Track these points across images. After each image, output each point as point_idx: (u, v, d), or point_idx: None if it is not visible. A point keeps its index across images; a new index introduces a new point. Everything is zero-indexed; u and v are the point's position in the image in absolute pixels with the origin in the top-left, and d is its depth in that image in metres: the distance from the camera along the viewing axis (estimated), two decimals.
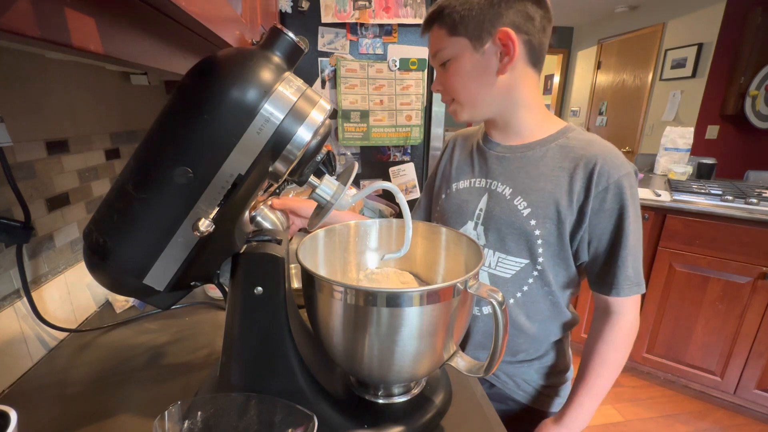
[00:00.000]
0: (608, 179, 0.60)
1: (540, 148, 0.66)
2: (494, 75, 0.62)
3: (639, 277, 0.63)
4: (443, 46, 0.63)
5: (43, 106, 0.67)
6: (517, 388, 0.74)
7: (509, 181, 0.67)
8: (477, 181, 0.71)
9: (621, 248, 0.61)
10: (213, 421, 0.43)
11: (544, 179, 0.64)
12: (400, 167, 1.56)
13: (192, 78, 0.38)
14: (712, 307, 1.72)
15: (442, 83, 0.67)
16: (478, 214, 0.69)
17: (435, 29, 0.64)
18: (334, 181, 0.47)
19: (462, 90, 0.65)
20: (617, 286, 0.63)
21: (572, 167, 0.62)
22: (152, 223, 0.40)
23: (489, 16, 0.59)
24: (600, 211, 0.61)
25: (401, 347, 0.43)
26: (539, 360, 0.73)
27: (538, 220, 0.63)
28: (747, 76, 2.91)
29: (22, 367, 0.61)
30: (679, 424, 1.73)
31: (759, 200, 1.63)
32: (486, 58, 0.61)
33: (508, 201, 0.66)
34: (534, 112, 0.67)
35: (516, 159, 0.67)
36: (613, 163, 0.60)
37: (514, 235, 0.65)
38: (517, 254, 0.66)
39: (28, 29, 0.25)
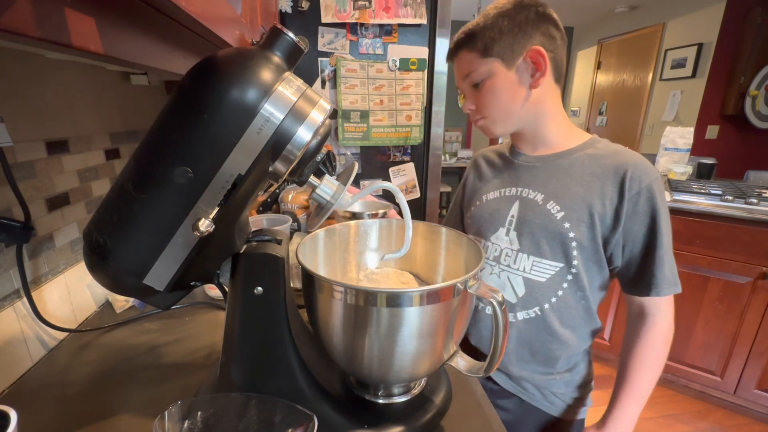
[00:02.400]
0: (640, 184, 0.63)
1: (568, 157, 0.69)
2: (527, 90, 0.67)
3: (676, 276, 0.65)
4: (475, 68, 0.67)
5: (43, 106, 0.67)
6: (543, 399, 0.75)
7: (540, 187, 0.70)
8: (507, 190, 0.74)
9: (657, 249, 0.64)
10: (213, 421, 0.43)
11: (576, 184, 0.66)
12: (400, 167, 1.56)
13: (192, 78, 0.38)
14: (712, 307, 1.72)
15: (475, 103, 0.70)
16: (510, 221, 0.72)
17: (464, 54, 0.68)
18: (334, 181, 0.47)
19: (496, 106, 0.68)
20: (657, 286, 0.65)
21: (603, 173, 0.65)
22: (152, 223, 0.40)
23: (518, 37, 0.64)
24: (634, 215, 0.64)
25: (401, 347, 0.43)
26: (570, 372, 0.74)
27: (572, 223, 0.65)
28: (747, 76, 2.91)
29: (22, 367, 0.61)
30: (679, 424, 1.73)
31: (759, 200, 1.63)
32: (518, 74, 0.66)
33: (540, 206, 0.68)
34: (560, 124, 0.71)
35: (546, 167, 0.71)
36: (642, 168, 0.63)
37: (549, 238, 0.67)
38: (551, 258, 0.68)
39: (28, 29, 0.25)
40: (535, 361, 0.73)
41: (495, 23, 0.64)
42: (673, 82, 3.38)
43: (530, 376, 0.74)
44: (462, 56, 0.69)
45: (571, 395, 0.75)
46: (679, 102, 3.31)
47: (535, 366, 0.73)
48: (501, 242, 0.73)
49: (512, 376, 0.76)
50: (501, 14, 0.65)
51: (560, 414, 0.75)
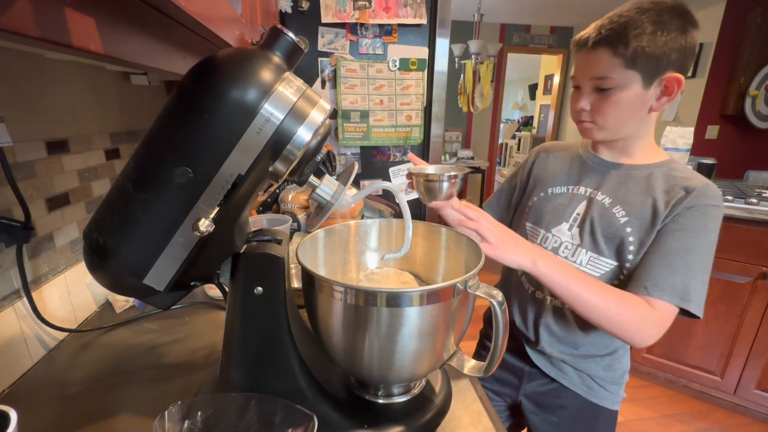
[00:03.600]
0: (698, 201, 0.64)
1: (645, 170, 0.71)
2: (646, 110, 0.67)
3: (685, 290, 0.63)
4: (614, 75, 0.63)
5: (43, 106, 0.67)
6: (581, 383, 0.77)
7: (610, 192, 0.71)
8: (575, 188, 0.76)
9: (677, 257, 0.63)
10: (213, 421, 0.43)
11: (644, 194, 0.68)
12: (400, 167, 1.56)
13: (192, 78, 0.38)
14: (712, 307, 1.72)
15: (592, 105, 0.68)
16: (574, 218, 0.74)
17: (607, 53, 0.63)
18: (334, 181, 0.47)
19: (614, 118, 0.67)
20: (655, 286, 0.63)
21: (672, 187, 0.66)
22: (152, 223, 0.40)
23: (670, 59, 0.61)
24: (674, 221, 0.65)
25: (401, 347, 0.43)
26: (610, 356, 0.76)
27: (633, 228, 0.67)
28: (747, 76, 2.91)
29: (22, 367, 0.61)
30: (679, 424, 1.73)
31: (759, 200, 1.63)
32: (648, 95, 0.64)
33: (606, 209, 0.70)
34: (648, 142, 0.73)
35: (621, 175, 0.72)
36: (708, 193, 0.64)
37: (609, 239, 0.69)
38: (608, 256, 0.70)
39: (28, 29, 0.25)
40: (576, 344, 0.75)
41: (651, 30, 0.60)
42: None
43: (571, 359, 0.76)
44: (601, 55, 0.63)
45: (608, 381, 0.77)
46: (679, 102, 3.31)
47: (575, 350, 0.75)
48: (562, 235, 0.75)
49: (553, 359, 0.78)
50: (658, 22, 0.60)
51: (597, 400, 0.77)
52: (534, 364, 0.80)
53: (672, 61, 0.62)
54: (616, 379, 0.77)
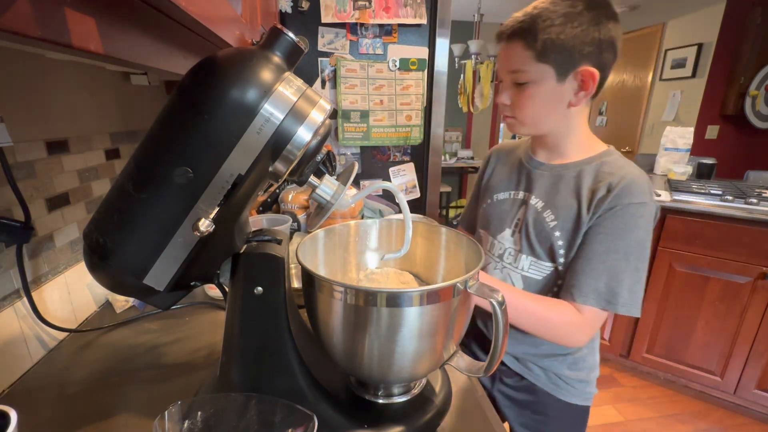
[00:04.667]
0: (619, 201, 0.62)
1: (574, 168, 0.70)
2: (565, 105, 0.66)
3: (611, 293, 0.62)
4: (526, 69, 0.64)
5: (43, 106, 0.67)
6: (548, 381, 0.77)
7: (542, 195, 0.72)
8: (516, 193, 0.77)
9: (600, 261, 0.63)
10: (213, 421, 0.43)
11: (572, 197, 0.68)
12: (400, 167, 1.56)
13: (192, 78, 0.38)
14: (712, 307, 1.72)
15: (511, 99, 0.69)
16: (516, 223, 0.75)
17: (519, 46, 0.63)
18: (334, 181, 0.47)
19: (532, 112, 0.68)
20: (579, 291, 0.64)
21: (596, 187, 0.66)
22: (152, 223, 0.40)
23: (583, 52, 0.61)
24: (598, 224, 0.64)
25: (401, 347, 0.43)
26: (572, 355, 0.76)
27: (562, 232, 0.68)
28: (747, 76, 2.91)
29: (22, 367, 0.61)
30: (679, 424, 1.73)
31: (759, 200, 1.63)
32: (564, 89, 0.64)
33: (539, 213, 0.71)
34: (581, 137, 0.72)
35: (552, 177, 0.72)
36: (631, 190, 0.62)
37: (543, 243, 0.70)
38: (545, 260, 0.71)
39: (28, 29, 0.25)
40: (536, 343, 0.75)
41: (561, 22, 0.59)
42: (673, 82, 3.37)
43: (534, 358, 0.77)
44: (515, 48, 0.64)
45: (576, 379, 0.77)
46: (679, 102, 3.31)
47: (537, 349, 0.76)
48: (506, 242, 0.77)
49: (519, 358, 0.79)
50: (569, 14, 0.59)
51: (565, 397, 0.77)
52: (503, 362, 0.81)
53: (586, 54, 0.61)
54: (583, 376, 0.77)
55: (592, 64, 0.62)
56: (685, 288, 1.76)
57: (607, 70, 0.64)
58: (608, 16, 0.61)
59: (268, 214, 1.08)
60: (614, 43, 0.62)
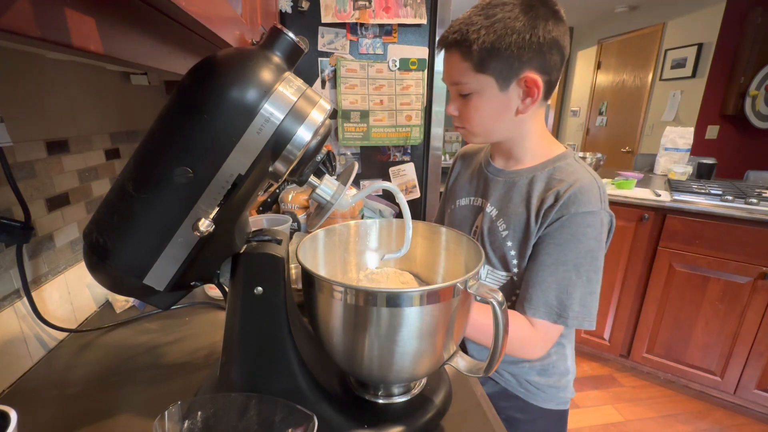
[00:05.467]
0: (566, 210, 0.61)
1: (527, 175, 0.68)
2: (513, 113, 0.64)
3: (561, 307, 0.61)
4: (466, 80, 0.62)
5: (43, 106, 0.67)
6: (519, 386, 0.76)
7: (496, 203, 0.71)
8: (474, 200, 0.76)
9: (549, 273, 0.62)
10: (213, 421, 0.43)
11: (523, 206, 0.66)
12: (400, 167, 1.56)
13: (192, 78, 0.38)
14: (712, 307, 1.72)
15: (458, 110, 0.67)
16: (474, 230, 0.74)
17: (457, 58, 0.61)
18: (334, 181, 0.47)
19: (479, 123, 0.66)
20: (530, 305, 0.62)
21: (546, 194, 0.64)
22: (152, 223, 0.40)
23: (522, 59, 0.58)
24: (548, 235, 0.63)
25: (401, 347, 0.43)
26: (540, 362, 0.74)
27: (513, 242, 0.67)
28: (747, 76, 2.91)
29: (22, 367, 0.61)
30: (679, 424, 1.73)
31: (759, 200, 1.63)
32: (508, 97, 0.62)
33: (493, 221, 0.70)
34: (536, 141, 0.69)
35: (506, 183, 0.71)
36: (578, 199, 0.60)
37: (497, 251, 0.70)
38: (500, 269, 0.71)
39: (28, 29, 0.25)
40: None
41: (495, 30, 0.56)
42: (673, 82, 3.37)
43: (502, 364, 0.74)
44: (453, 59, 0.62)
45: (546, 385, 0.75)
46: (679, 102, 3.31)
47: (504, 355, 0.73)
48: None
49: None
50: (505, 19, 0.56)
51: (538, 402, 0.75)
52: None
53: (526, 60, 0.58)
54: (553, 382, 0.74)
55: (535, 68, 0.59)
56: (685, 288, 1.76)
57: (554, 72, 0.62)
58: (547, 16, 0.58)
59: (268, 214, 1.08)
60: (558, 42, 0.59)
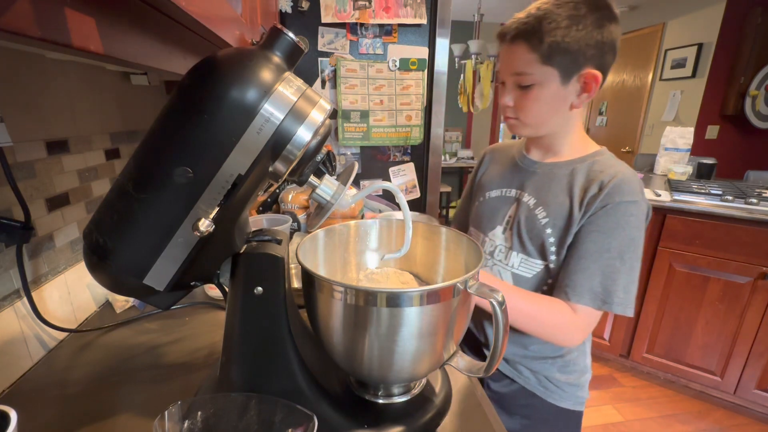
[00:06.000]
0: (611, 199, 0.63)
1: (567, 167, 0.71)
2: (568, 107, 0.67)
3: (607, 293, 0.63)
4: (531, 71, 0.63)
5: (43, 106, 0.67)
6: (539, 384, 0.76)
7: (534, 192, 0.72)
8: (507, 191, 0.77)
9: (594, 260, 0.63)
10: (213, 421, 0.43)
11: (563, 194, 0.69)
12: (400, 167, 1.56)
13: (192, 78, 0.38)
14: (712, 307, 1.72)
15: (514, 101, 0.68)
16: (507, 220, 0.75)
17: (524, 49, 0.63)
18: (334, 181, 0.47)
19: (537, 115, 0.68)
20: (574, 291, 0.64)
21: (588, 185, 0.66)
22: (152, 223, 0.40)
23: (587, 55, 0.61)
24: (591, 222, 0.64)
25: (401, 347, 0.43)
26: (562, 358, 0.75)
27: (553, 229, 0.68)
28: (747, 76, 2.91)
29: (22, 367, 0.61)
30: (679, 424, 1.73)
31: (759, 200, 1.63)
32: (567, 91, 0.65)
33: (531, 210, 0.71)
34: (576, 137, 0.73)
35: (545, 175, 0.73)
36: (622, 189, 0.63)
37: (534, 240, 0.71)
38: (536, 257, 0.71)
39: (28, 29, 0.25)
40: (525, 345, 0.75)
41: (566, 25, 0.59)
42: (673, 82, 3.37)
43: (524, 360, 0.76)
44: (519, 50, 0.63)
45: (566, 382, 0.76)
46: (679, 102, 3.31)
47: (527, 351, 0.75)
48: (497, 239, 0.77)
49: (508, 359, 0.78)
50: (574, 16, 0.59)
51: (556, 401, 0.76)
52: None
53: (589, 57, 0.61)
54: (574, 380, 0.76)
55: (595, 66, 0.62)
56: (685, 288, 1.76)
57: (607, 71, 0.65)
58: (610, 18, 0.61)
59: (268, 214, 1.08)
60: (615, 45, 0.63)
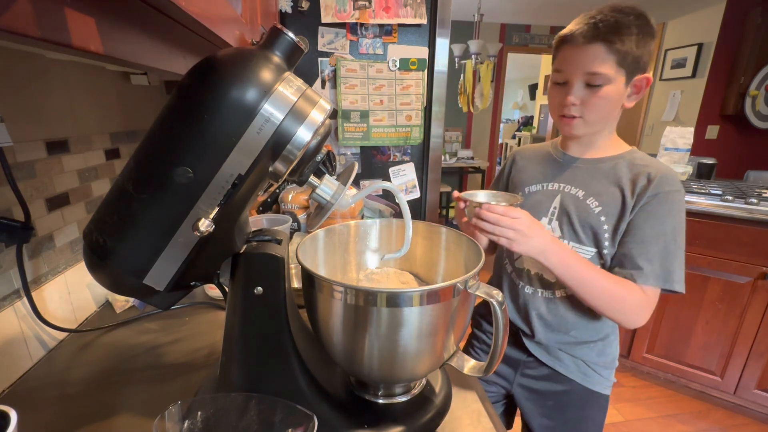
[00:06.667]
0: (661, 188, 0.69)
1: (610, 162, 0.76)
2: (621, 106, 0.73)
3: (667, 273, 0.69)
4: (606, 71, 0.67)
5: (43, 106, 0.67)
6: (577, 370, 0.80)
7: (581, 185, 0.77)
8: (549, 185, 0.81)
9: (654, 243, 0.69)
10: (213, 421, 0.43)
11: (614, 186, 0.74)
12: (400, 167, 1.56)
13: (192, 78, 0.38)
14: (712, 307, 1.72)
15: (581, 99, 0.71)
16: (552, 212, 0.79)
17: (599, 48, 0.66)
18: (334, 181, 0.47)
19: (600, 112, 0.71)
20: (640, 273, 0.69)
21: (636, 177, 0.72)
22: (152, 223, 0.40)
23: (645, 60, 0.69)
24: (643, 210, 0.70)
25: (401, 347, 0.43)
26: (602, 341, 0.80)
27: (606, 217, 0.73)
28: (747, 76, 2.91)
29: (22, 367, 0.61)
30: (679, 424, 1.73)
31: (759, 200, 1.63)
32: (626, 92, 0.71)
33: (581, 201, 0.76)
34: (612, 135, 0.79)
35: (588, 169, 0.78)
36: (668, 180, 0.70)
37: (586, 228, 0.75)
38: (588, 244, 0.75)
39: (28, 29, 0.25)
40: (568, 331, 0.79)
41: (636, 32, 0.65)
42: (673, 82, 3.37)
43: (566, 346, 0.80)
44: (596, 50, 0.66)
45: (601, 365, 0.80)
46: (679, 102, 3.31)
47: (569, 337, 0.79)
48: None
49: (550, 348, 0.81)
50: (641, 26, 0.65)
51: (592, 386, 0.80)
52: (530, 354, 0.82)
53: (645, 63, 0.69)
54: (608, 363, 0.81)
55: (645, 71, 0.70)
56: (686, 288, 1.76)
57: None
58: (653, 33, 0.68)
59: (268, 214, 1.08)
60: (651, 57, 0.71)
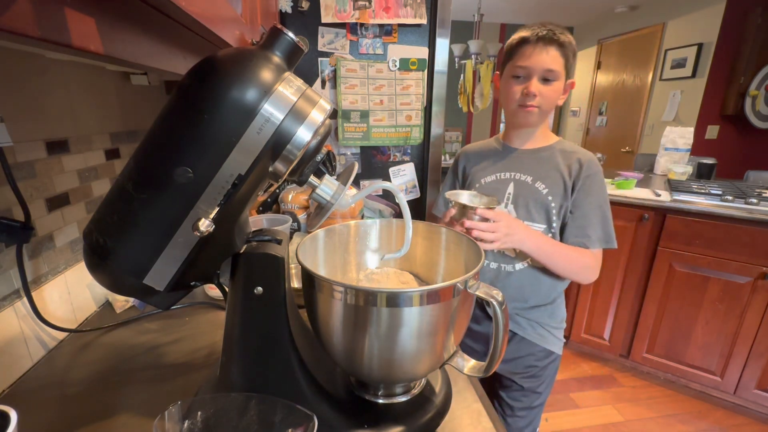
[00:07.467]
0: (590, 170, 0.89)
1: (546, 151, 0.94)
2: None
3: (608, 236, 0.88)
4: (558, 68, 0.85)
5: (43, 106, 0.67)
6: (534, 332, 0.95)
7: (529, 172, 0.93)
8: (502, 174, 0.96)
9: (592, 215, 0.88)
10: (213, 421, 0.43)
11: (555, 171, 0.91)
12: (400, 167, 1.56)
13: (192, 78, 0.38)
14: (712, 307, 1.72)
15: (539, 91, 0.87)
16: (508, 197, 0.94)
17: (556, 53, 0.84)
18: (334, 181, 0.47)
19: (552, 103, 0.89)
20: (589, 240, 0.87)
21: (569, 163, 0.91)
22: (152, 223, 0.40)
23: (573, 70, 0.88)
24: (581, 190, 0.88)
25: (401, 347, 0.43)
26: (551, 305, 0.96)
27: (553, 196, 0.89)
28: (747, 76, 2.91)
29: (22, 367, 0.61)
30: (679, 424, 1.73)
31: (759, 200, 1.63)
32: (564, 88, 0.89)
33: (530, 185, 0.91)
34: (546, 128, 0.97)
35: (532, 158, 0.95)
36: (594, 162, 0.90)
37: (537, 208, 0.90)
38: (539, 222, 0.91)
39: (28, 29, 0.25)
40: (527, 300, 0.94)
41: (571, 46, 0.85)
42: (673, 82, 3.37)
43: (523, 311, 0.95)
44: (553, 52, 0.84)
45: (552, 326, 0.96)
46: (679, 102, 3.31)
47: (526, 303, 0.94)
48: None
49: (510, 315, 0.96)
50: (572, 42, 0.85)
51: (550, 346, 0.96)
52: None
53: (573, 70, 0.88)
54: (558, 323, 0.98)
55: (573, 77, 0.89)
56: (685, 288, 1.76)
57: None
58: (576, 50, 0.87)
59: (268, 214, 1.08)
60: None
